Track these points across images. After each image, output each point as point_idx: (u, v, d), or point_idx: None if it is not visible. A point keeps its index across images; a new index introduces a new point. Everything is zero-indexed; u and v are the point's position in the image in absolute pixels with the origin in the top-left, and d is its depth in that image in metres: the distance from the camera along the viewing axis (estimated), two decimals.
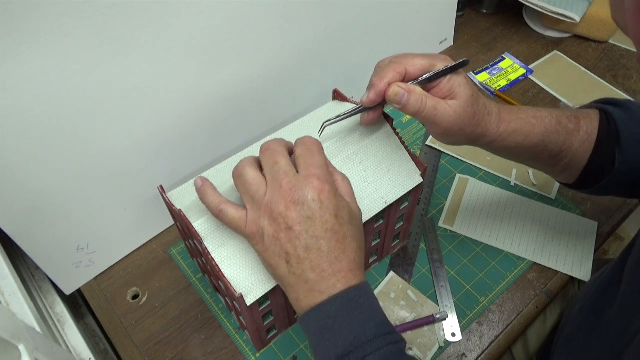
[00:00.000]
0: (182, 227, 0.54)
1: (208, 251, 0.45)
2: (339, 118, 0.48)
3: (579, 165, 0.53)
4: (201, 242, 0.46)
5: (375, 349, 0.38)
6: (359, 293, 0.40)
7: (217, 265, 0.45)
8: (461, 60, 0.46)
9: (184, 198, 0.50)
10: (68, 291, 0.64)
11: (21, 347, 0.40)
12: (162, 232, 0.70)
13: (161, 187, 0.52)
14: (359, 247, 0.43)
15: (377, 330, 0.39)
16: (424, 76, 0.45)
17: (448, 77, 0.46)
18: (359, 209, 0.45)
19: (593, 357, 0.49)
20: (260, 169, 0.43)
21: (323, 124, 0.49)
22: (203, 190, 0.44)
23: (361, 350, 0.37)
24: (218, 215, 0.43)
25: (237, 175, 0.42)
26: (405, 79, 0.46)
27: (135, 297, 0.64)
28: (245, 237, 0.43)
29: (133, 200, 0.63)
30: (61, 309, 0.62)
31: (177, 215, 0.48)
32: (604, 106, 0.54)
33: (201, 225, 0.46)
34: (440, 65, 0.45)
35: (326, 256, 0.40)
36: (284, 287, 0.42)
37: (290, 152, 0.44)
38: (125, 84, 0.52)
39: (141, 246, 0.69)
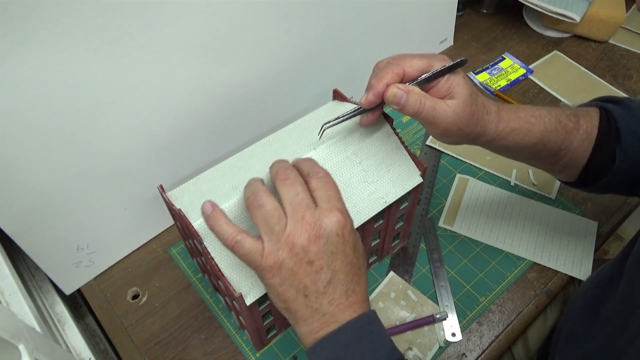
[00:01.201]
0: (182, 227, 0.54)
1: (207, 251, 0.45)
2: (338, 120, 0.48)
3: (578, 164, 0.53)
4: (201, 242, 0.46)
5: None
6: (367, 320, 0.40)
7: (217, 265, 0.45)
8: (459, 60, 0.46)
9: (184, 198, 0.50)
10: (68, 291, 0.64)
11: (21, 347, 0.40)
12: (162, 232, 0.70)
13: (161, 186, 0.52)
14: (367, 275, 0.43)
15: (389, 357, 0.39)
16: (422, 76, 0.45)
17: (446, 76, 0.46)
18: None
19: (594, 351, 0.50)
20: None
21: (322, 126, 0.49)
22: (215, 217, 0.42)
23: None
24: (233, 247, 0.40)
25: (257, 205, 0.40)
26: (403, 80, 0.45)
27: (135, 297, 0.64)
28: (258, 270, 0.40)
29: (133, 200, 0.63)
30: (61, 309, 0.62)
31: (177, 215, 0.48)
32: (603, 104, 0.54)
33: (201, 224, 0.46)
34: (438, 65, 0.45)
35: (344, 289, 0.40)
36: (295, 320, 0.40)
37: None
38: (125, 84, 0.53)
39: (141, 246, 0.69)
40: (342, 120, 0.48)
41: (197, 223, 0.46)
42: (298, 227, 0.39)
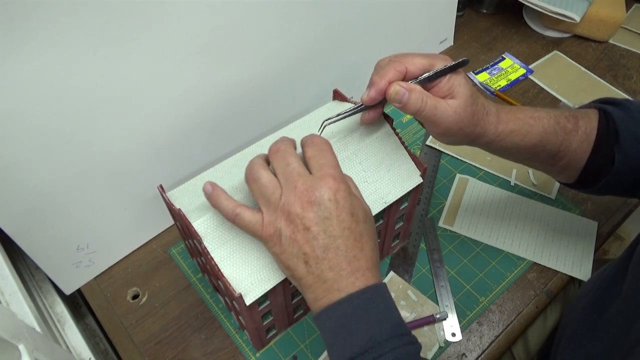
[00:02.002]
0: (182, 227, 0.54)
1: (207, 251, 0.45)
2: (339, 117, 0.48)
3: (577, 165, 0.53)
4: (200, 242, 0.46)
5: (391, 348, 0.37)
6: (376, 293, 0.40)
7: (217, 265, 0.45)
8: (461, 60, 0.46)
9: (184, 198, 0.50)
10: (68, 291, 0.64)
11: (21, 347, 0.40)
12: (162, 232, 0.70)
13: (161, 186, 0.52)
14: (375, 245, 0.42)
15: (394, 330, 0.39)
16: (424, 75, 0.45)
17: (447, 76, 0.46)
18: (369, 207, 0.44)
19: (597, 352, 0.49)
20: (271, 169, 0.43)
21: (323, 123, 0.49)
22: (216, 195, 0.44)
23: (377, 350, 0.37)
24: (234, 220, 0.42)
25: (252, 178, 0.42)
26: (405, 78, 0.46)
27: (135, 297, 0.64)
28: (261, 240, 0.42)
29: (133, 200, 0.63)
30: (61, 309, 0.62)
31: (177, 215, 0.48)
32: (603, 105, 0.54)
33: (200, 224, 0.46)
34: (439, 65, 0.45)
35: (344, 255, 0.40)
36: (302, 288, 0.41)
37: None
38: (125, 84, 0.53)
39: (141, 246, 0.69)
40: (343, 117, 0.48)
41: (197, 223, 0.46)
42: (291, 196, 0.40)
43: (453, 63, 0.46)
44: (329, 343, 0.40)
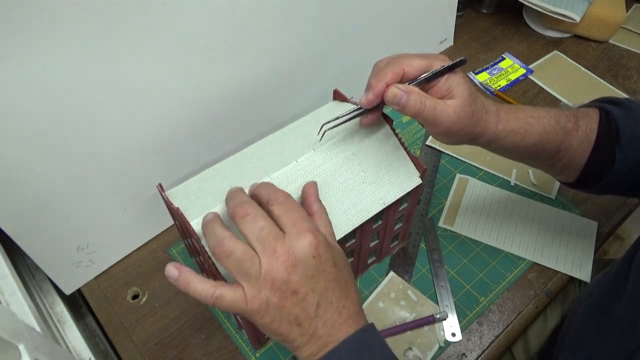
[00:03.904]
0: (180, 226, 0.54)
1: (205, 250, 0.45)
2: (338, 120, 0.48)
3: (577, 165, 0.53)
4: (198, 240, 0.46)
5: None
6: (366, 335, 0.39)
7: (214, 264, 0.45)
8: (458, 60, 0.46)
9: (183, 197, 0.50)
10: (68, 291, 0.64)
11: (21, 347, 0.40)
12: (162, 232, 0.70)
13: (160, 185, 0.52)
14: (355, 285, 0.42)
15: None
16: (422, 76, 0.45)
17: (446, 76, 0.46)
18: (340, 247, 0.43)
19: (600, 354, 0.49)
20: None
21: (322, 127, 0.48)
22: (184, 280, 0.40)
23: None
24: (214, 303, 0.39)
25: (225, 254, 0.38)
26: (403, 80, 0.45)
27: (135, 297, 0.65)
28: (247, 315, 0.39)
29: (133, 200, 0.63)
30: (61, 309, 0.62)
31: (176, 214, 0.48)
32: (603, 105, 0.54)
33: (199, 223, 0.46)
34: (437, 65, 0.45)
35: (335, 307, 0.39)
36: (294, 347, 0.39)
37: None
38: (125, 84, 0.53)
39: (141, 246, 0.69)
40: (343, 122, 0.48)
41: (195, 222, 0.46)
42: (273, 262, 0.38)
43: (450, 63, 0.45)
44: None
